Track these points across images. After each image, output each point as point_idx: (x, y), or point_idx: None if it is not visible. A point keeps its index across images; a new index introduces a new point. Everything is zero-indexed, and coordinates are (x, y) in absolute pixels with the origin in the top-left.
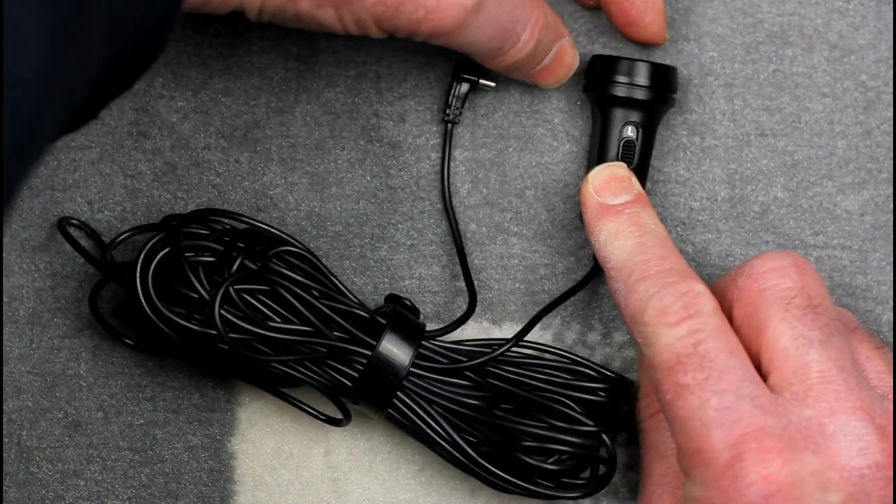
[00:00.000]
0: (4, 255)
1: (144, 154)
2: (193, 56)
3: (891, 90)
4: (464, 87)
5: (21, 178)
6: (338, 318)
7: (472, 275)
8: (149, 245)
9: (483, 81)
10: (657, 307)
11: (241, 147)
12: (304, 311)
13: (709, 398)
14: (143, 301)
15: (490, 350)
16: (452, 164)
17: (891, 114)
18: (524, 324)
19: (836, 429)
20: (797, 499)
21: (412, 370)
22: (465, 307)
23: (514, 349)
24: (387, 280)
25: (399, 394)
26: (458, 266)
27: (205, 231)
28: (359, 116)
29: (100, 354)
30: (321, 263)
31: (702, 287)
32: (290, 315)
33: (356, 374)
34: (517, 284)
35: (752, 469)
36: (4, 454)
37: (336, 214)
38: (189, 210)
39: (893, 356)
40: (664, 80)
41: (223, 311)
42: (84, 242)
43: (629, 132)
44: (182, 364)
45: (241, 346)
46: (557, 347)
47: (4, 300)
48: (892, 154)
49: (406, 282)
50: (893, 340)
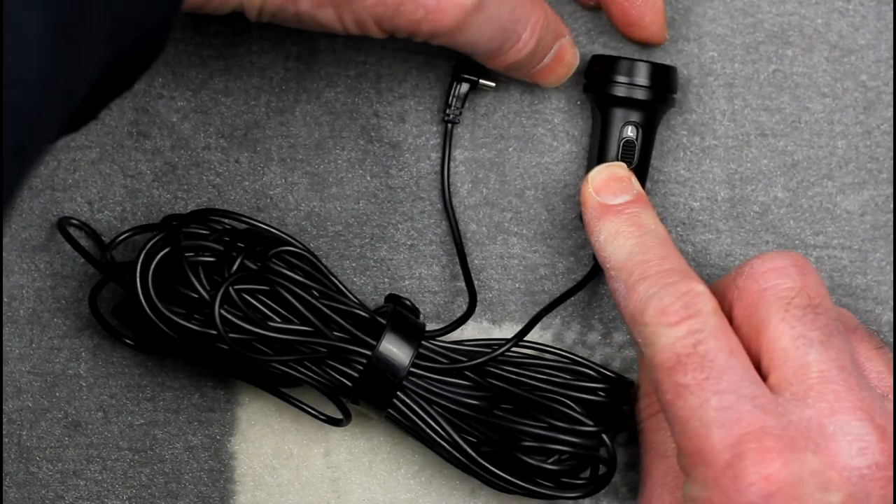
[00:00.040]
0: (4, 255)
1: (144, 154)
2: (193, 56)
3: (891, 90)
4: (464, 87)
5: (21, 178)
6: (338, 318)
7: (472, 275)
8: (149, 245)
9: (483, 81)
10: (657, 307)
11: (241, 147)
12: (304, 311)
13: (709, 398)
14: (143, 301)
15: (490, 350)
16: (452, 164)
17: (891, 114)
18: (524, 324)
19: (836, 429)
20: (797, 499)
21: (412, 370)
22: (465, 307)
23: (514, 349)
24: (387, 280)
25: (399, 394)
26: (458, 266)
27: (205, 231)
28: (359, 116)
29: (100, 354)
30: (321, 263)
31: (702, 287)
32: (290, 315)
33: (356, 374)
34: (517, 284)
35: (752, 469)
36: (4, 454)
37: (336, 214)
38: (189, 210)
39: (893, 356)
40: (664, 80)
41: (223, 311)
42: (84, 242)
43: (629, 132)
44: (182, 364)
45: (241, 346)
46: (557, 347)
47: (4, 300)
48: (892, 154)
49: (406, 282)
50: (893, 340)
